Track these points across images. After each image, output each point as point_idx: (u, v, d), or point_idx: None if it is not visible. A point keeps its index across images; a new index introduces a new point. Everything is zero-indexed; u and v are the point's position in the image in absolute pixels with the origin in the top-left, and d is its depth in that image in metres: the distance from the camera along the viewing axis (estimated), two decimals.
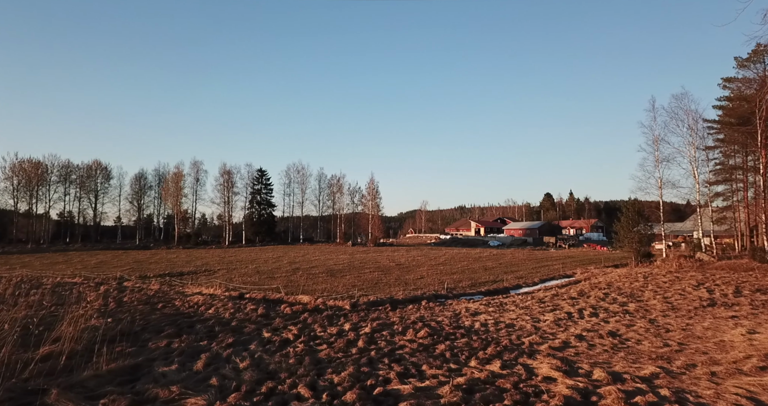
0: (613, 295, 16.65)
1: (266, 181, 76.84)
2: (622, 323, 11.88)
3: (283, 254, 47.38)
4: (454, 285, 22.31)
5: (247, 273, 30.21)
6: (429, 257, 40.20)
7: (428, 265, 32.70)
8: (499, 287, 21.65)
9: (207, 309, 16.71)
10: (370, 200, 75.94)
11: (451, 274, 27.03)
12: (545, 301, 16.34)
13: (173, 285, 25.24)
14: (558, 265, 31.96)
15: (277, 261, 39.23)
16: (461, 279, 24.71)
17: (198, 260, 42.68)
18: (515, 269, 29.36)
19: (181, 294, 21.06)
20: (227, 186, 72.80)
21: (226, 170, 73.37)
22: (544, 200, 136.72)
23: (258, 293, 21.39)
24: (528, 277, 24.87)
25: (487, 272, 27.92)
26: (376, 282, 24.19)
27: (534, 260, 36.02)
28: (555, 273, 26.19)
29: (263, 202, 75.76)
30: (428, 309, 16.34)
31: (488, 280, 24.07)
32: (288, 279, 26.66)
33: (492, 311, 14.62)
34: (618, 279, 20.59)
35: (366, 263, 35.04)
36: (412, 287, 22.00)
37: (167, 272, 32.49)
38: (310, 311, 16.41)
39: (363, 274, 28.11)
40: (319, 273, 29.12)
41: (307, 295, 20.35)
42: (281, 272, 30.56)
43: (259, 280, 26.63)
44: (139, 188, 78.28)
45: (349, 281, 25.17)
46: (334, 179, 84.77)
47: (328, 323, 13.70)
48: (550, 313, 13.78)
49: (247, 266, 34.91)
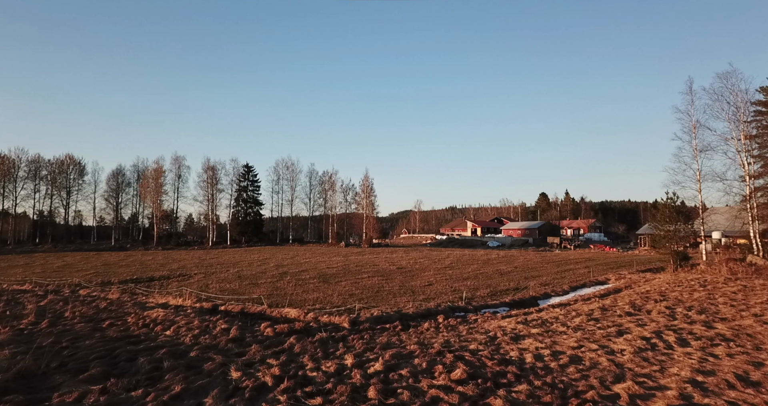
0: (680, 310, 13.30)
1: (253, 177, 72.51)
2: (738, 358, 8.47)
3: (270, 256, 43.47)
4: (471, 294, 18.84)
5: (226, 278, 26.39)
6: (432, 260, 36.68)
7: (434, 269, 29.18)
8: (525, 296, 18.22)
9: (165, 329, 12.95)
10: (365, 198, 72.07)
11: (463, 280, 23.55)
12: (597, 317, 12.93)
13: (136, 294, 21.35)
14: (582, 269, 28.59)
15: (262, 264, 35.39)
16: (477, 286, 21.24)
17: (175, 262, 38.61)
18: (535, 273, 25.98)
19: (139, 307, 17.21)
20: (211, 183, 68.40)
21: (210, 166, 69.02)
22: (540, 200, 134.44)
23: (235, 304, 17.67)
24: (554, 284, 21.49)
25: (503, 277, 24.49)
26: (377, 290, 20.60)
27: (552, 263, 32.71)
28: (584, 279, 22.87)
29: (250, 200, 71.42)
30: (450, 329, 12.82)
31: (509, 287, 20.65)
32: (273, 286, 22.94)
33: (538, 334, 11.14)
34: (668, 287, 17.32)
35: (363, 267, 31.39)
36: (421, 297, 18.46)
37: (135, 276, 28.50)
38: (298, 332, 12.76)
39: (361, 279, 24.48)
40: (310, 278, 25.43)
41: (296, 308, 16.70)
42: (266, 277, 26.79)
43: (240, 287, 22.88)
44: (116, 185, 73.44)
45: (345, 288, 21.55)
46: (325, 176, 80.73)
47: (323, 353, 10.09)
48: (619, 338, 10.33)
49: (228, 270, 31.06)
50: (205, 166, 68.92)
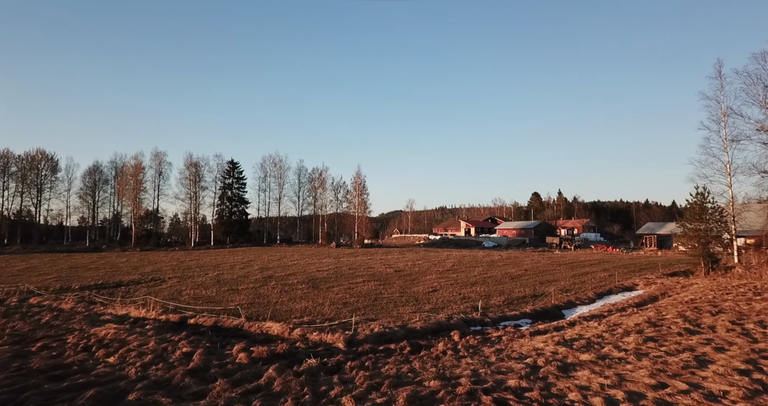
0: (751, 326, 10.94)
1: (239, 174, 69.13)
2: None
3: (255, 258, 40.48)
4: (485, 303, 16.32)
5: (203, 283, 23.49)
6: (432, 262, 34.10)
7: (435, 272, 26.61)
8: (547, 305, 15.76)
9: (109, 354, 10.14)
10: (357, 196, 69.18)
11: (471, 285, 21.04)
12: (652, 336, 10.49)
13: (94, 303, 18.39)
14: (600, 272, 26.14)
15: (246, 266, 32.47)
16: (488, 293, 18.74)
17: (150, 265, 35.44)
18: (549, 277, 23.58)
19: (89, 321, 14.30)
20: (193, 180, 64.91)
21: (193, 162, 65.51)
22: (532, 200, 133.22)
23: (207, 317, 14.89)
24: (575, 290, 19.09)
25: (515, 281, 22.04)
26: (374, 298, 17.95)
27: (564, 266, 30.28)
28: (607, 284, 20.51)
29: (235, 198, 68.02)
30: (473, 351, 10.26)
31: (525, 294, 18.18)
32: (255, 293, 20.15)
33: (591, 362, 8.63)
34: (715, 296, 15.03)
35: (356, 270, 28.70)
36: (427, 306, 15.88)
37: (101, 282, 25.40)
38: (281, 356, 10.08)
39: (355, 285, 21.81)
40: (298, 284, 22.68)
41: (279, 321, 13.99)
42: (249, 281, 23.96)
43: (217, 294, 20.05)
44: (92, 183, 69.44)
45: (338, 295, 18.86)
46: (315, 173, 77.51)
47: (311, 395, 7.41)
48: (705, 370, 7.87)
49: (207, 274, 28.10)
50: (187, 162, 65.51)
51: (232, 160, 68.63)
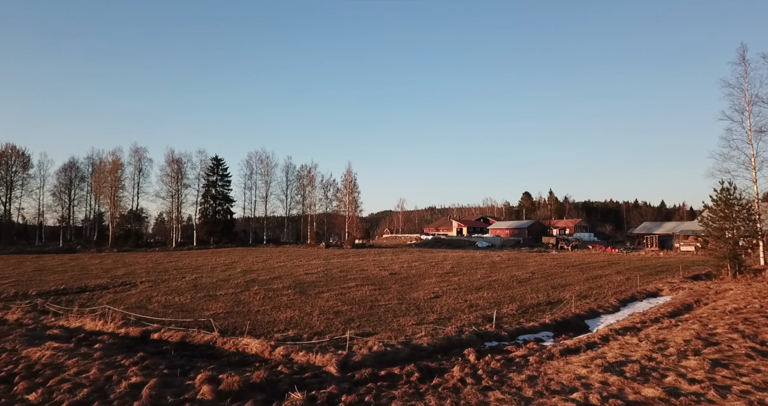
0: None
1: (223, 171, 66.14)
2: None
3: (239, 259, 37.99)
4: (496, 311, 14.34)
5: (178, 288, 21.11)
6: (428, 263, 32.01)
7: (434, 275, 24.57)
8: (567, 314, 13.85)
9: (34, 387, 7.89)
10: (347, 195, 66.79)
11: (476, 290, 19.05)
12: (718, 359, 8.61)
13: (46, 313, 15.99)
14: (613, 274, 24.24)
15: (228, 269, 30.06)
16: (498, 299, 16.78)
17: (123, 267, 32.75)
18: (560, 281, 21.70)
19: (28, 338, 11.92)
20: (175, 177, 61.81)
21: (175, 158, 62.39)
22: (523, 199, 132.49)
23: (174, 331, 12.65)
24: (595, 296, 17.21)
25: (524, 286, 20.13)
26: (370, 306, 15.84)
27: (573, 268, 28.28)
28: (628, 289, 18.68)
29: (219, 196, 65.07)
30: (498, 378, 8.23)
31: (539, 301, 16.25)
32: (235, 299, 17.89)
33: (661, 400, 6.68)
34: (762, 304, 13.25)
35: (348, 272, 26.52)
36: (432, 316, 13.83)
37: (64, 286, 22.82)
38: (257, 387, 7.94)
39: (348, 290, 19.65)
40: (283, 289, 20.44)
41: (259, 336, 11.85)
42: (229, 286, 21.64)
43: (191, 301, 17.73)
44: (68, 180, 65.87)
45: (329, 302, 16.70)
46: (304, 170, 74.64)
47: None
48: None
49: (184, 277, 25.66)
50: (168, 158, 62.34)
51: (216, 156, 65.82)
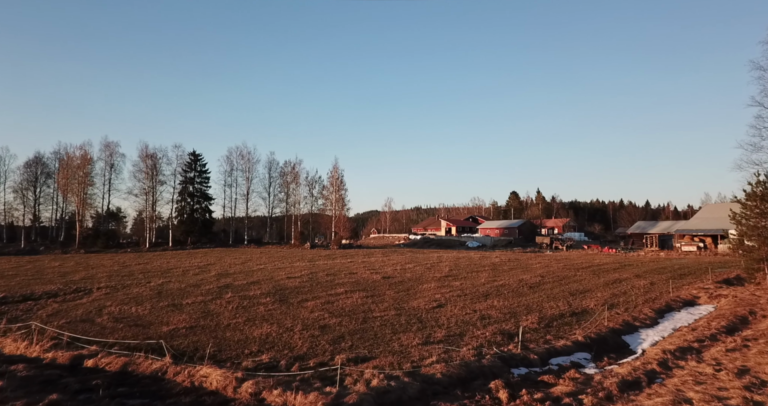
0: None
1: (201, 167, 62.33)
2: None
3: (215, 261, 34.93)
4: (514, 325, 12.02)
5: (139, 296, 18.19)
6: (423, 265, 29.47)
7: (432, 279, 22.14)
8: (601, 329, 11.59)
9: None
10: (334, 192, 63.88)
11: (484, 297, 16.71)
12: None
13: None
14: (632, 278, 22.03)
15: (201, 272, 27.11)
16: (512, 309, 14.46)
17: (85, 270, 29.44)
18: (576, 286, 19.46)
19: None
20: (150, 173, 57.89)
21: (149, 153, 58.38)
22: (511, 199, 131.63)
23: (116, 356, 9.95)
24: (623, 305, 15.01)
25: (536, 292, 17.87)
26: (363, 318, 13.32)
27: (585, 271, 25.83)
28: (658, 297, 16.49)
29: (197, 193, 61.32)
30: None
31: (561, 311, 14.00)
32: (203, 310, 15.15)
33: None
34: None
35: (336, 276, 23.90)
36: (440, 333, 11.39)
37: (5, 294, 19.72)
38: None
39: (336, 297, 17.07)
40: (261, 296, 17.75)
41: (224, 364, 9.24)
42: (199, 292, 18.82)
43: (150, 312, 14.93)
44: (33, 176, 61.26)
45: (314, 313, 14.12)
46: (287, 166, 71.05)
47: None
48: None
49: (150, 282, 22.69)
50: (142, 153, 58.31)
51: (194, 151, 61.90)
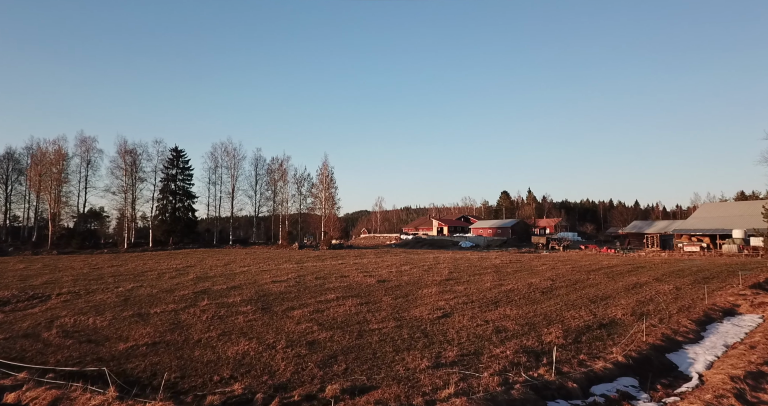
0: None
1: (184, 164, 59.60)
2: None
3: (196, 263, 32.59)
4: (536, 340, 10.23)
5: (102, 304, 15.96)
6: (419, 267, 27.51)
7: (432, 283, 20.27)
8: (640, 346, 9.87)
9: None
10: (324, 191, 61.69)
11: (494, 304, 14.92)
12: None
13: None
14: (654, 282, 20.09)
15: (179, 275, 24.85)
16: (529, 319, 12.67)
17: (51, 273, 26.89)
18: (593, 291, 17.65)
19: None
20: (129, 170, 55.00)
21: (128, 149, 55.47)
22: (502, 199, 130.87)
23: (45, 387, 7.82)
24: (654, 314, 13.30)
25: (551, 298, 16.11)
26: (359, 331, 11.39)
27: (598, 274, 23.79)
28: (692, 304, 14.78)
29: (179, 191, 58.59)
30: None
31: (586, 321, 12.26)
32: (172, 321, 13.06)
33: None
34: None
35: (326, 279, 21.91)
36: (450, 351, 9.53)
37: None
38: None
39: (326, 305, 15.09)
40: (242, 303, 15.68)
41: (183, 396, 7.17)
42: (172, 299, 16.66)
43: (111, 322, 12.81)
44: (5, 173, 57.94)
45: (301, 326, 12.13)
46: (275, 163, 68.47)
47: None
48: None
49: (119, 287, 20.39)
50: (121, 149, 55.35)
51: (176, 147, 59.09)
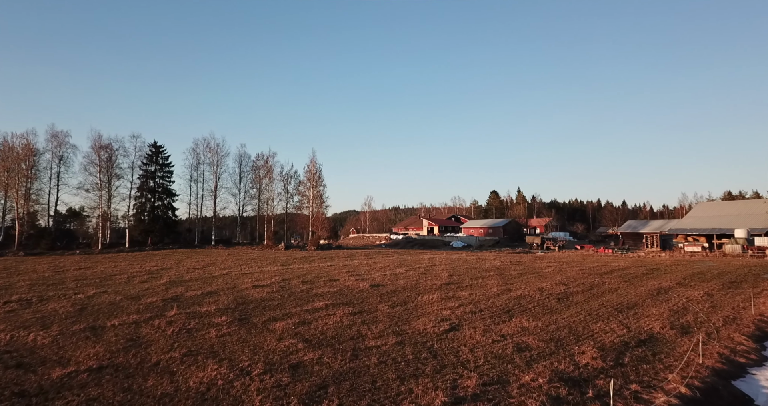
0: None
1: (164, 160, 56.72)
2: None
3: (172, 265, 30.20)
4: (567, 361, 8.47)
5: (52, 314, 13.71)
6: (416, 270, 25.53)
7: (432, 288, 18.39)
8: (700, 372, 8.20)
9: None
10: (311, 188, 59.48)
11: (506, 314, 13.16)
12: None
13: None
14: (679, 287, 18.33)
15: (151, 279, 22.55)
16: (554, 333, 10.94)
17: (7, 277, 24.32)
18: (614, 298, 15.80)
19: None
20: (104, 166, 52.01)
21: (103, 144, 52.43)
22: (492, 198, 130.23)
23: None
24: (698, 327, 11.61)
25: (570, 307, 14.33)
26: (353, 350, 9.47)
27: (610, 277, 21.88)
28: (735, 315, 13.19)
29: (159, 189, 55.73)
30: None
31: (621, 337, 10.57)
32: (131, 335, 10.95)
33: None
34: None
35: (313, 284, 19.91)
36: (468, 378, 7.68)
37: None
38: None
39: (314, 316, 13.10)
40: (216, 312, 13.60)
41: None
42: (136, 308, 14.47)
43: (54, 340, 10.66)
44: None
45: (283, 342, 10.14)
46: (260, 160, 65.75)
47: None
48: None
49: (79, 293, 18.05)
50: (95, 144, 52.27)
51: (155, 142, 56.19)
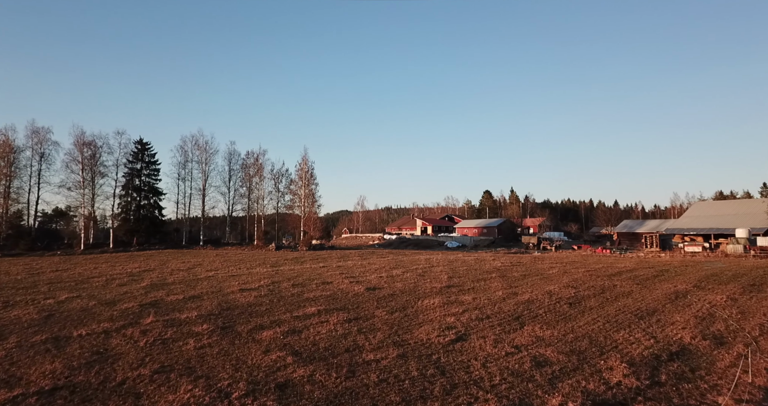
0: None
1: (150, 158, 54.97)
2: None
3: (156, 267, 28.73)
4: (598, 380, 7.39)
5: (14, 322, 12.33)
6: (413, 271, 24.36)
7: (432, 292, 17.26)
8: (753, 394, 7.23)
9: None
10: (303, 187, 58.09)
11: (516, 321, 12.08)
12: None
13: None
14: (697, 292, 16.97)
15: (131, 281, 21.13)
16: (573, 344, 9.88)
17: None
18: (630, 303, 14.75)
19: None
20: (87, 164, 50.10)
21: (86, 141, 50.57)
22: (485, 198, 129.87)
23: None
24: (734, 337, 10.57)
25: (585, 313, 13.24)
26: (349, 365, 8.29)
27: (620, 279, 20.52)
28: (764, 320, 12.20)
29: (144, 187, 53.97)
30: None
31: (650, 349, 9.54)
32: (97, 349, 9.64)
33: None
34: None
35: (305, 286, 18.68)
36: (483, 399, 6.54)
37: None
38: None
39: (304, 323, 11.89)
40: (197, 319, 12.33)
41: None
42: (109, 314, 13.12)
43: (8, 354, 9.27)
44: None
45: (270, 356, 8.92)
46: (250, 157, 64.20)
47: None
48: None
49: (49, 298, 16.62)
50: (78, 140, 50.36)
51: (141, 139, 54.39)
